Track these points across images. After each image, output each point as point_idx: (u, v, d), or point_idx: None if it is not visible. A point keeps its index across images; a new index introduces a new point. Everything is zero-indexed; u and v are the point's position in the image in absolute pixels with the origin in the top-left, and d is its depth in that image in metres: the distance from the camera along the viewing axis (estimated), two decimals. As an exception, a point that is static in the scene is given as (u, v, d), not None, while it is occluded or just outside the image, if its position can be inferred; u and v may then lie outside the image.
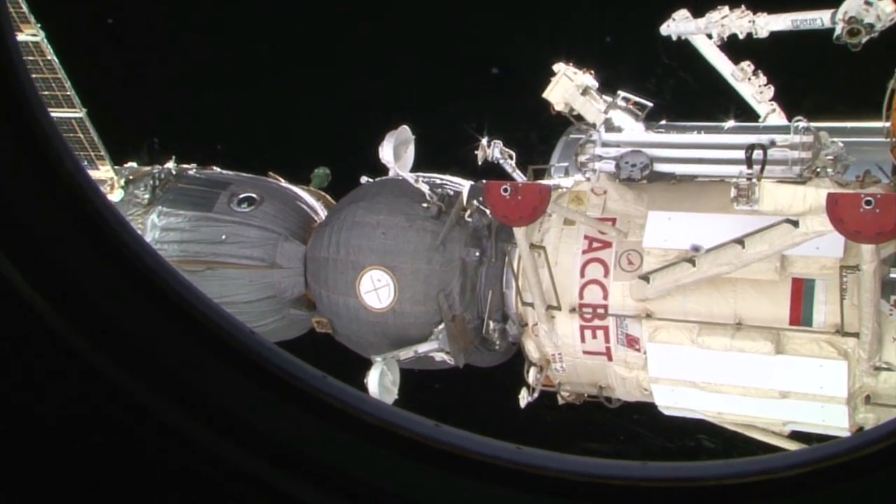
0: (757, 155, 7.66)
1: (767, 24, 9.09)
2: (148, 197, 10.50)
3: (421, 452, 1.83)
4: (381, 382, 8.83)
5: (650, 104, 8.96)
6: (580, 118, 9.15)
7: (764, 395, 7.92)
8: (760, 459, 1.69)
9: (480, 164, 9.49)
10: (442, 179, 9.93)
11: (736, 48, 9.47)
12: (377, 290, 9.28)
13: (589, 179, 8.79)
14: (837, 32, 8.24)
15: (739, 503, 1.68)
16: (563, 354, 8.75)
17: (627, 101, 8.94)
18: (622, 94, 8.96)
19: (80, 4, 14.59)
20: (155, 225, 10.27)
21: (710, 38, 9.51)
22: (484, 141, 9.38)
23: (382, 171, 10.05)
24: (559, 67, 9.09)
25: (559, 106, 9.10)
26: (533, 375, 9.01)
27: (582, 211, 8.64)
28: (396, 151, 9.75)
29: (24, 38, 9.34)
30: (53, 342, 1.76)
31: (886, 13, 8.11)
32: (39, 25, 9.51)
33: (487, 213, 8.93)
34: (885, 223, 6.46)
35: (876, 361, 7.46)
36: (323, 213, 10.71)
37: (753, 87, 9.59)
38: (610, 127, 8.78)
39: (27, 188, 1.80)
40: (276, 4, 16.31)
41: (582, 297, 8.44)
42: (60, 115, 9.96)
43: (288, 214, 10.31)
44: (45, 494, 1.63)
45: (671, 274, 7.82)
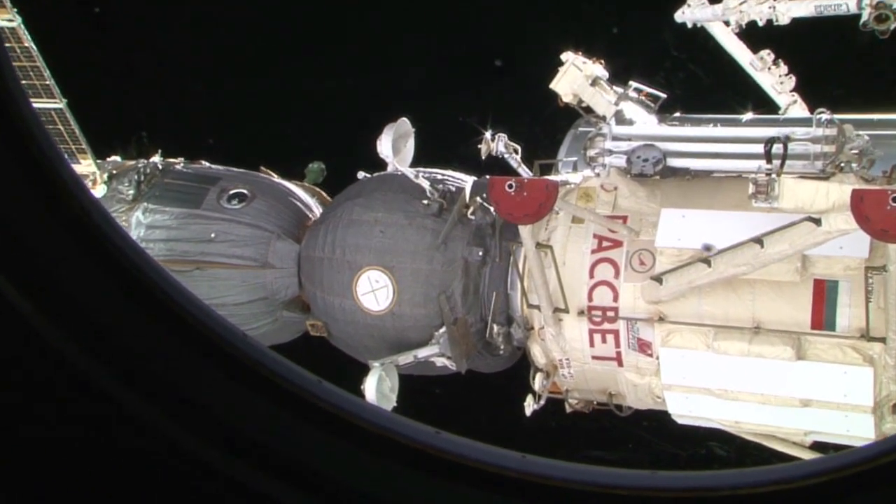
0: (777, 149, 7.67)
1: (789, 10, 9.07)
2: (132, 193, 10.53)
3: (420, 461, 1.85)
4: (378, 389, 8.85)
5: (663, 95, 8.96)
6: (589, 110, 9.15)
7: (784, 403, 7.93)
8: (775, 469, 1.71)
9: (484, 158, 9.51)
10: (443, 175, 9.94)
11: (755, 36, 9.48)
12: (375, 291, 9.31)
13: (599, 175, 8.80)
14: (864, 19, 8.24)
15: (754, 514, 1.69)
16: (570, 360, 8.76)
17: (639, 92, 8.94)
18: (634, 84, 8.96)
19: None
20: (140, 222, 10.29)
21: (727, 25, 9.51)
22: (487, 134, 9.39)
23: (380, 165, 10.07)
24: (567, 57, 9.08)
25: (567, 97, 9.10)
26: (539, 382, 9.02)
27: (591, 208, 8.65)
28: (395, 145, 9.76)
29: (-1, 23, 9.38)
30: (35, 342, 1.78)
31: None
32: (16, 10, 9.54)
33: (491, 210, 8.94)
34: (913, 221, 6.46)
35: (903, 368, 7.46)
36: (318, 210, 10.74)
37: (773, 77, 9.59)
38: (621, 119, 8.78)
39: (6, 182, 1.82)
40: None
41: (591, 299, 8.45)
42: (39, 105, 9.99)
43: (281, 211, 10.33)
44: (29, 494, 1.65)
45: (685, 275, 7.83)
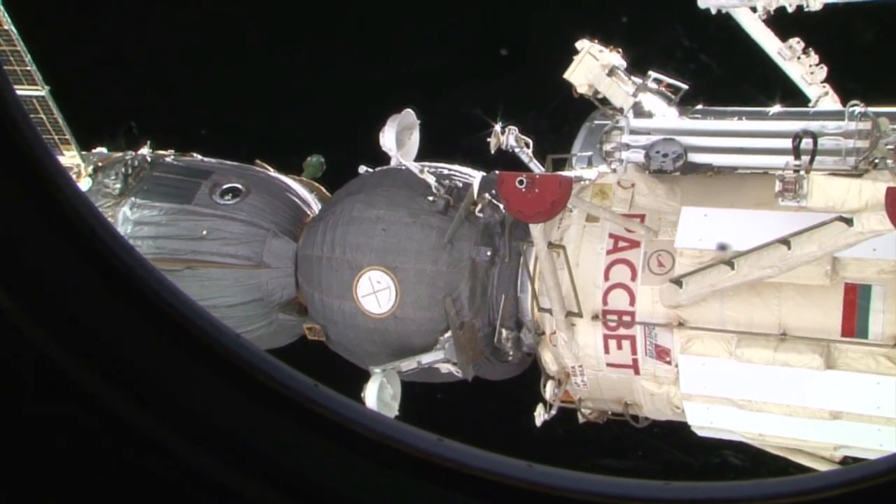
0: (806, 144, 7.66)
1: (821, -6, 9.05)
2: (119, 187, 10.57)
3: (421, 469, 1.87)
4: (379, 397, 8.89)
5: (685, 86, 8.96)
6: (606, 102, 9.17)
7: (812, 415, 7.92)
8: (793, 480, 1.72)
9: (493, 152, 9.52)
10: (450, 170, 9.97)
11: (784, 23, 9.45)
12: (376, 293, 9.34)
13: (615, 171, 8.80)
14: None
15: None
16: (584, 367, 8.77)
17: (659, 82, 8.95)
18: (653, 74, 8.96)
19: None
20: (127, 218, 10.34)
21: (754, 11, 9.48)
22: (497, 127, 9.40)
23: (383, 160, 10.10)
24: (583, 45, 9.09)
25: (582, 88, 9.11)
26: (550, 390, 9.04)
27: (607, 206, 8.66)
28: (399, 138, 9.79)
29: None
30: (17, 342, 1.81)
31: None
32: None
33: (501, 207, 8.96)
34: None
35: (940, 379, 7.45)
36: (316, 206, 10.78)
37: (803, 67, 9.57)
38: (639, 112, 8.79)
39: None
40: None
41: (606, 302, 8.46)
42: (20, 92, 10.01)
43: (277, 208, 10.37)
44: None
45: (707, 277, 7.84)
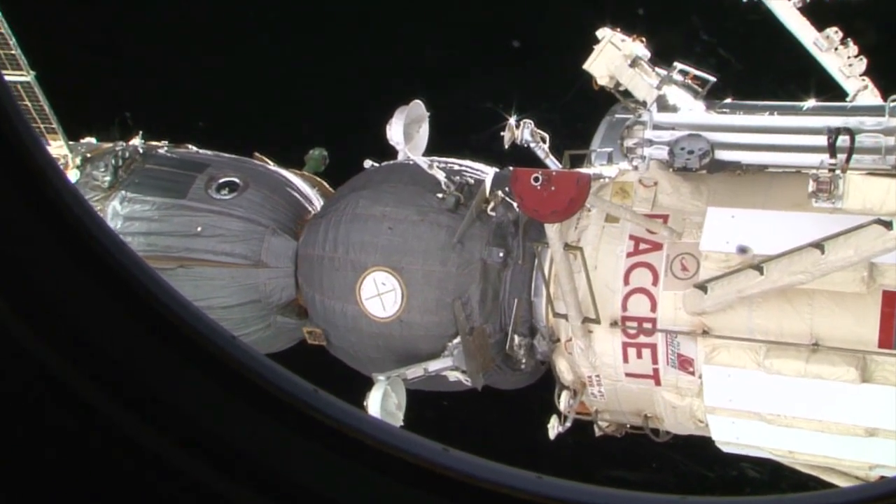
0: (842, 141, 7.62)
1: (861, -18, 9.02)
2: (109, 179, 10.63)
3: (426, 479, 1.88)
4: (383, 406, 8.88)
5: (713, 78, 8.94)
6: (628, 95, 9.16)
7: (846, 431, 7.89)
8: (815, 495, 1.72)
9: (507, 147, 9.53)
10: (460, 165, 9.98)
11: (821, 12, 9.42)
12: (381, 295, 9.36)
13: (637, 168, 8.79)
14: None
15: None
16: (601, 377, 8.76)
17: (685, 74, 8.93)
18: (679, 66, 8.94)
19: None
20: (117, 213, 10.39)
21: (788, -1, 9.46)
22: (512, 120, 9.42)
23: (390, 154, 10.12)
24: (604, 33, 9.08)
25: (603, 80, 9.10)
26: (565, 401, 9.03)
27: (627, 206, 8.65)
28: (407, 131, 9.81)
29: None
30: (5, 342, 1.83)
31: None
32: None
33: (514, 206, 8.96)
34: None
35: (983, 394, 7.41)
36: (318, 202, 10.81)
37: (841, 58, 9.52)
38: (663, 105, 8.77)
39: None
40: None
41: (625, 308, 8.45)
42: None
43: (276, 203, 10.41)
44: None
45: (734, 283, 7.82)
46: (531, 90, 11.94)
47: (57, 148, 10.77)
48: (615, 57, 9.00)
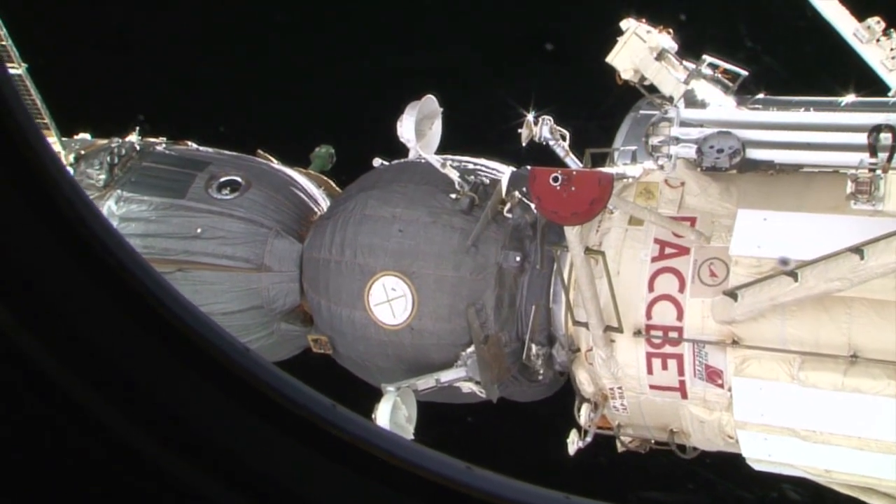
0: (884, 139, 7.61)
1: (903, -33, 8.98)
2: (104, 178, 10.68)
3: (449, 499, 1.89)
4: (393, 418, 8.90)
5: (744, 73, 8.92)
6: (653, 89, 9.14)
7: (886, 449, 7.85)
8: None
9: (525, 145, 9.53)
10: (475, 164, 10.00)
11: (862, 0, 9.39)
12: (391, 301, 9.38)
13: (662, 168, 8.79)
14: None
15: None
16: (624, 389, 8.76)
17: (715, 68, 8.91)
18: (708, 59, 8.93)
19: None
20: (112, 213, 10.44)
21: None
22: (530, 117, 9.42)
23: (401, 152, 10.14)
24: (628, 24, 9.07)
25: (627, 74, 9.07)
26: (585, 414, 9.03)
27: (652, 207, 8.65)
28: (419, 127, 9.83)
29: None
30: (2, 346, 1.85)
31: None
32: None
33: (532, 207, 8.97)
34: None
35: None
36: (325, 203, 10.85)
37: (883, 50, 9.47)
38: (691, 101, 8.76)
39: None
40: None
41: (650, 316, 8.45)
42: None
43: (280, 204, 10.45)
44: None
45: (766, 290, 7.80)
46: (566, 94, 11.93)
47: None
48: (640, 49, 8.97)
